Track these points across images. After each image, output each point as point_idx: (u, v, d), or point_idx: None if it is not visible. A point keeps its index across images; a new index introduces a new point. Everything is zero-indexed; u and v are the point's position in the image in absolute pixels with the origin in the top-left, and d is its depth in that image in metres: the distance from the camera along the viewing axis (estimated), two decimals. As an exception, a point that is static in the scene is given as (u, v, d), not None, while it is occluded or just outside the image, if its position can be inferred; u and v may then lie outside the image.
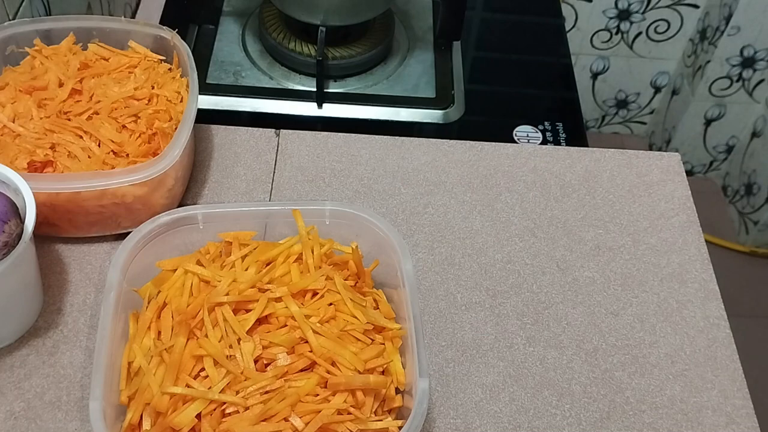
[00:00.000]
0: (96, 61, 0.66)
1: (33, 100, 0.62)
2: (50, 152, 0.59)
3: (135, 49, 0.67)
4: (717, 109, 1.61)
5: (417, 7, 1.05)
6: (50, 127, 0.60)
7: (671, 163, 0.73)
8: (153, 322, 0.52)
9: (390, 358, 0.52)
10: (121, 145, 0.60)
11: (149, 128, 0.61)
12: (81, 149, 0.59)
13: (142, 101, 0.63)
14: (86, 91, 0.63)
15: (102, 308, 0.51)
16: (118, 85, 0.64)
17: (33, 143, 0.59)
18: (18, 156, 0.58)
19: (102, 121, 0.61)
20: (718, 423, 0.56)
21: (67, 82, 0.63)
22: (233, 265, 0.54)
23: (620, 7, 1.54)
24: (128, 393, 0.49)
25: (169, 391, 0.48)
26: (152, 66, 0.67)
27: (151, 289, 0.54)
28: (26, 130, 0.60)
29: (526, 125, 0.91)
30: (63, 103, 0.62)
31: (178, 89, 0.64)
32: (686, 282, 0.64)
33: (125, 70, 0.66)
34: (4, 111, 0.61)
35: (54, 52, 0.66)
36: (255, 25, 0.98)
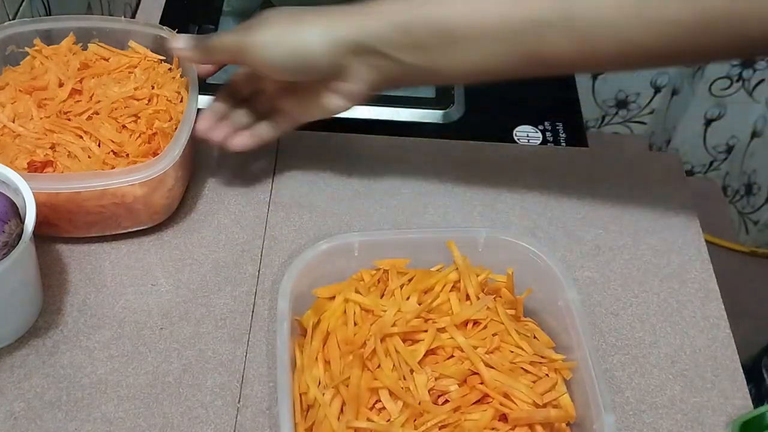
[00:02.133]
0: (96, 61, 0.66)
1: (33, 100, 0.62)
2: (50, 152, 0.59)
3: (135, 49, 0.67)
4: (717, 109, 1.61)
5: (417, 7, 1.05)
6: (50, 127, 0.60)
7: (671, 163, 0.73)
8: (319, 352, 0.52)
9: (563, 391, 0.52)
10: (121, 145, 0.60)
11: (149, 128, 0.61)
12: (81, 149, 0.59)
13: (142, 101, 0.63)
14: (86, 91, 0.63)
15: (277, 340, 0.50)
16: (118, 85, 0.64)
17: (33, 143, 0.59)
18: (18, 156, 0.58)
19: (102, 121, 0.61)
20: (718, 423, 0.56)
21: (67, 82, 0.63)
22: (393, 293, 0.54)
23: (620, 7, 1.54)
24: (305, 426, 0.49)
25: (353, 425, 0.48)
26: (152, 66, 0.67)
27: (312, 318, 0.54)
28: (26, 130, 0.60)
29: (526, 125, 0.91)
30: (63, 103, 0.62)
31: (178, 89, 0.64)
32: (686, 282, 0.64)
33: (125, 70, 0.66)
34: (4, 111, 0.61)
35: (54, 52, 0.66)
36: (255, 25, 0.98)
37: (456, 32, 0.52)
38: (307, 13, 0.55)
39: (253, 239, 0.64)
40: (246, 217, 0.65)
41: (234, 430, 0.53)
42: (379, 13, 0.54)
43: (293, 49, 0.54)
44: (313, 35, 0.54)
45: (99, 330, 0.58)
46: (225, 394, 0.55)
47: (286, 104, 0.61)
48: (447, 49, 0.53)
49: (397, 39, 0.53)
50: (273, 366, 0.56)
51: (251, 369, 0.56)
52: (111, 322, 0.58)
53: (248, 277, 0.61)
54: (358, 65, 0.55)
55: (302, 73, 0.56)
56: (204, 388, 0.55)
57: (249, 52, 0.56)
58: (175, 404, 0.54)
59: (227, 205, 0.66)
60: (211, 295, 0.60)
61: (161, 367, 0.56)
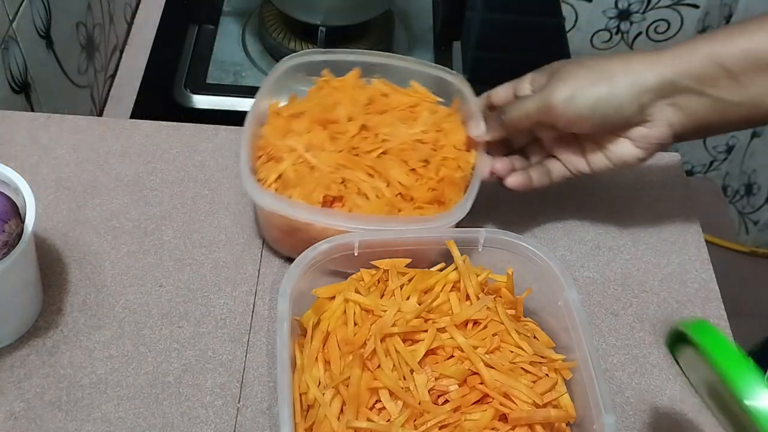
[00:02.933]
0: (378, 97, 0.65)
1: (326, 133, 0.61)
2: (342, 187, 0.58)
3: (415, 88, 0.66)
4: (717, 109, 1.61)
5: (417, 7, 1.05)
6: (343, 162, 0.59)
7: (671, 163, 0.73)
8: (319, 352, 0.52)
9: (563, 391, 0.52)
10: (408, 189, 0.59)
11: (437, 175, 0.60)
12: (371, 188, 0.59)
13: (428, 145, 0.62)
14: (373, 128, 0.62)
15: (278, 340, 0.50)
16: (405, 125, 0.63)
17: (328, 177, 0.58)
18: (315, 189, 0.58)
19: (392, 161, 0.60)
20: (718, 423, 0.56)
21: (357, 118, 0.62)
22: (393, 293, 0.54)
23: (620, 7, 1.54)
24: (305, 426, 0.49)
25: (353, 425, 0.48)
26: (433, 108, 0.65)
27: (312, 318, 0.54)
28: (320, 163, 0.59)
29: (526, 125, 0.90)
30: (353, 138, 0.61)
31: (465, 138, 0.63)
32: (686, 282, 0.64)
33: (406, 109, 0.65)
34: (301, 141, 0.60)
35: (341, 84, 0.65)
36: (255, 25, 0.98)
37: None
38: (604, 62, 0.54)
39: (253, 239, 0.64)
40: (246, 217, 0.65)
41: (234, 430, 0.53)
42: (689, 50, 0.52)
43: (600, 101, 0.53)
44: (619, 83, 0.53)
45: (99, 330, 0.58)
46: (225, 394, 0.55)
47: (564, 153, 0.60)
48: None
49: (713, 74, 0.51)
50: (273, 366, 0.56)
51: (251, 369, 0.56)
52: (111, 322, 0.58)
53: (248, 277, 0.62)
54: (663, 108, 0.53)
55: (608, 123, 0.55)
56: (204, 388, 0.55)
57: (553, 111, 0.54)
58: (175, 404, 0.54)
59: (227, 205, 0.66)
60: (211, 295, 0.60)
61: (161, 367, 0.56)
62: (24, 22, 0.76)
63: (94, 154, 0.68)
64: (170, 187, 0.67)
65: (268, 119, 0.63)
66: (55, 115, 0.71)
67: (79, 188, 0.66)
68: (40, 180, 0.66)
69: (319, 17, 0.89)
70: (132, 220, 0.64)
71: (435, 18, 1.03)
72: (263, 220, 0.62)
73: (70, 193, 0.65)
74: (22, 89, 0.77)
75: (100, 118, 0.73)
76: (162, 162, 0.68)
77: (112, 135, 0.70)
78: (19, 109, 0.76)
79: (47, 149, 0.68)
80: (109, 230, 0.63)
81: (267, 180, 0.59)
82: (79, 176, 0.66)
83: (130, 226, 0.64)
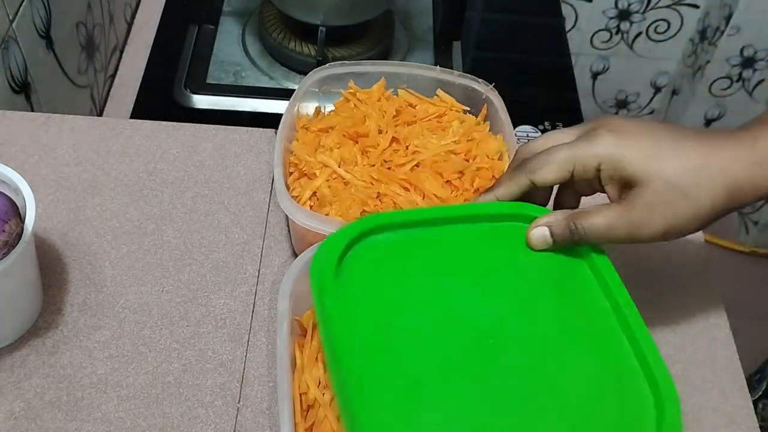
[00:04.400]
0: (405, 108, 0.65)
1: (358, 147, 0.61)
2: (378, 202, 0.58)
3: (441, 98, 0.66)
4: (717, 109, 1.61)
5: (417, 7, 1.05)
6: (377, 176, 0.59)
7: (671, 163, 0.73)
8: (319, 352, 0.52)
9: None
10: (444, 201, 0.59)
11: (471, 185, 0.60)
12: (407, 202, 0.58)
13: (460, 155, 0.62)
14: (403, 140, 0.62)
15: (278, 340, 0.50)
16: (435, 136, 0.62)
17: (363, 192, 0.58)
18: (352, 206, 0.57)
19: (426, 174, 0.60)
20: (718, 423, 0.56)
21: (387, 130, 0.62)
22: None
23: (620, 7, 1.54)
24: (305, 426, 0.49)
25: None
26: (461, 117, 0.65)
27: (312, 318, 0.54)
28: (354, 178, 0.59)
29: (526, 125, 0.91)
30: (384, 152, 0.61)
31: (499, 148, 0.62)
32: (686, 282, 0.64)
33: (433, 120, 0.64)
34: (333, 156, 0.60)
35: (367, 95, 0.65)
36: (255, 25, 0.98)
37: None
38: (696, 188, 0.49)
39: (253, 239, 0.64)
40: (246, 217, 0.65)
41: (234, 430, 0.53)
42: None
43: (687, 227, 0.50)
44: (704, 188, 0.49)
45: (99, 330, 0.58)
46: (225, 394, 0.55)
47: None
48: None
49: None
50: (273, 366, 0.56)
51: (251, 369, 0.56)
52: (111, 322, 0.58)
53: (248, 277, 0.62)
54: None
55: None
56: (204, 388, 0.55)
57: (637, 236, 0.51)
58: (175, 404, 0.54)
59: (227, 205, 0.66)
60: (211, 295, 0.60)
61: (161, 367, 0.56)
62: (24, 22, 0.76)
63: (94, 154, 0.68)
64: (170, 187, 0.67)
65: (297, 134, 0.63)
66: (55, 115, 0.71)
67: (79, 188, 0.66)
68: (40, 180, 0.66)
69: (319, 17, 0.89)
70: (132, 220, 0.64)
71: (435, 18, 1.03)
72: (298, 237, 0.62)
73: (70, 193, 0.65)
74: (22, 89, 0.77)
75: (100, 118, 0.73)
76: (162, 162, 0.68)
77: (112, 135, 0.70)
78: (19, 109, 0.76)
79: (47, 149, 0.68)
80: (109, 230, 0.63)
81: (302, 197, 0.59)
82: (79, 176, 0.66)
83: (130, 226, 0.64)
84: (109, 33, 0.99)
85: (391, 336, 0.50)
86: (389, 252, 0.54)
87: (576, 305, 0.52)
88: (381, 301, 0.51)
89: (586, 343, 0.50)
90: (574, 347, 0.50)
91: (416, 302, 0.51)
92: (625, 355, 0.50)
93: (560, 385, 0.48)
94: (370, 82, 0.66)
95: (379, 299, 0.52)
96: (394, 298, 0.52)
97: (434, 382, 0.48)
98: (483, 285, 0.53)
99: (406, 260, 0.53)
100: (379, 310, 0.51)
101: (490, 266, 0.54)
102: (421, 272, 0.53)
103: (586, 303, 0.52)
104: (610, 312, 0.52)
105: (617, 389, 0.48)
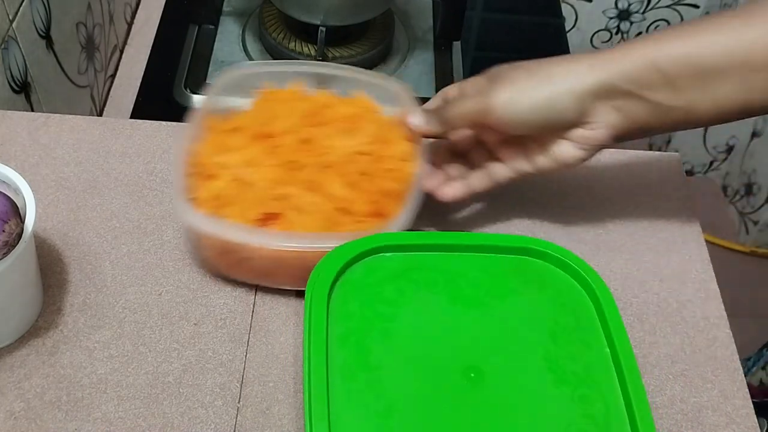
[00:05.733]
0: (321, 109, 0.64)
1: (264, 147, 0.60)
2: (279, 204, 0.57)
3: (359, 99, 0.65)
4: (717, 109, 1.61)
5: (417, 7, 1.05)
6: (280, 177, 0.58)
7: (671, 163, 0.73)
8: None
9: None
10: (347, 202, 0.58)
11: (376, 187, 0.59)
12: (309, 203, 0.57)
13: (369, 157, 0.61)
14: (313, 140, 0.61)
15: None
16: (346, 137, 0.61)
17: (264, 194, 0.57)
18: (251, 207, 0.57)
19: (331, 175, 0.59)
20: (718, 423, 0.56)
21: (296, 130, 0.61)
22: None
23: (620, 7, 1.54)
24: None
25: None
26: (377, 119, 0.64)
27: None
28: (257, 179, 0.58)
29: (526, 125, 0.90)
30: (291, 152, 0.60)
31: (408, 150, 0.61)
32: (686, 282, 0.64)
33: (348, 121, 0.63)
34: (236, 157, 0.59)
35: (283, 95, 0.64)
36: (255, 25, 0.98)
37: (716, 66, 0.49)
38: (545, 65, 0.54)
39: (253, 239, 0.64)
40: (246, 217, 0.65)
41: (234, 430, 0.53)
42: (628, 52, 0.52)
43: (539, 104, 0.53)
44: (559, 86, 0.53)
45: (99, 330, 0.58)
46: (225, 394, 0.55)
47: (507, 155, 0.59)
48: (705, 86, 0.50)
49: (649, 77, 0.51)
50: (273, 366, 0.57)
51: (251, 369, 0.56)
52: (111, 322, 0.58)
53: (248, 277, 0.62)
54: (602, 110, 0.53)
55: (548, 126, 0.54)
56: (204, 388, 0.55)
57: (492, 113, 0.54)
58: (175, 404, 0.54)
59: (227, 205, 0.66)
60: (211, 295, 0.60)
61: (161, 367, 0.56)
62: (24, 22, 0.76)
63: (94, 154, 0.68)
64: (170, 187, 0.66)
65: (205, 135, 0.61)
66: (55, 115, 0.71)
67: (79, 188, 0.66)
68: (40, 180, 0.66)
69: (319, 17, 0.89)
70: (132, 220, 0.64)
71: (435, 18, 1.03)
72: (195, 241, 0.60)
73: (70, 193, 0.65)
74: (22, 89, 0.77)
75: (100, 118, 0.72)
76: (162, 162, 0.68)
77: (112, 135, 0.70)
78: (19, 109, 0.76)
79: (47, 149, 0.68)
80: (109, 230, 0.63)
81: (201, 199, 0.58)
82: (79, 176, 0.66)
83: (130, 226, 0.64)
84: (109, 33, 0.99)
85: (373, 356, 0.50)
86: (391, 273, 0.54)
87: (571, 347, 0.52)
88: (370, 320, 0.52)
89: (572, 388, 0.50)
90: (559, 390, 0.50)
91: (405, 326, 0.52)
92: (613, 405, 0.49)
93: (536, 427, 0.48)
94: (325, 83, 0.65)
95: (370, 318, 0.52)
96: (385, 319, 0.52)
97: (408, 408, 0.48)
98: (477, 316, 0.53)
99: (405, 283, 0.54)
100: (367, 328, 0.51)
101: (488, 298, 0.54)
102: (418, 297, 0.53)
103: (583, 346, 0.52)
104: (607, 358, 0.51)
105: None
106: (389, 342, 0.51)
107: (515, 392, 0.49)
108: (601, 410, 0.49)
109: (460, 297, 0.53)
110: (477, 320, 0.52)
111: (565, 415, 0.49)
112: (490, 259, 0.55)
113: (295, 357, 0.57)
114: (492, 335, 0.52)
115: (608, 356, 0.51)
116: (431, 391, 0.49)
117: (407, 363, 0.50)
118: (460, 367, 0.50)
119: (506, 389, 0.49)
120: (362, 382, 0.49)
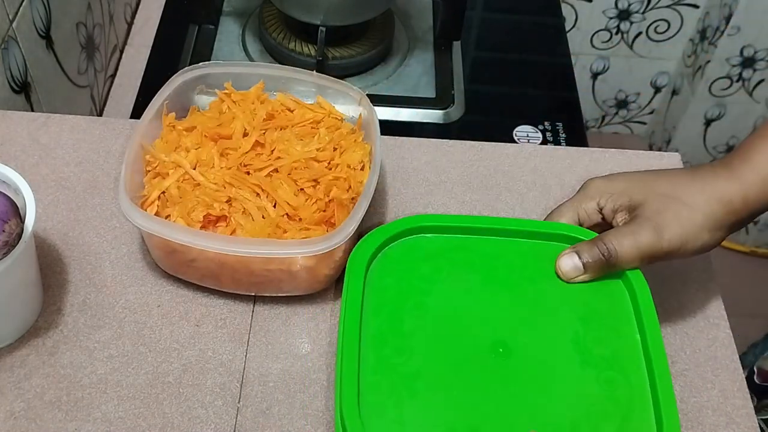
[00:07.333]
0: (281, 112, 0.64)
1: (217, 149, 0.60)
2: (226, 207, 0.57)
3: (321, 104, 0.64)
4: (717, 109, 1.61)
5: (417, 7, 1.05)
6: (230, 180, 0.58)
7: (671, 163, 0.73)
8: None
9: None
10: (296, 209, 0.57)
11: (326, 195, 0.58)
12: (257, 208, 0.57)
13: (323, 164, 0.60)
14: (268, 144, 0.61)
15: None
16: (301, 142, 0.61)
17: (211, 196, 0.57)
18: (196, 208, 0.56)
19: (281, 181, 0.59)
20: (718, 423, 0.56)
21: (252, 133, 0.61)
22: None
23: (620, 7, 1.54)
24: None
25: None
26: (336, 125, 0.64)
27: None
28: (206, 180, 0.58)
29: (526, 125, 0.91)
30: (245, 155, 0.60)
31: (362, 158, 0.61)
32: (686, 282, 0.64)
33: (308, 125, 0.63)
34: (188, 157, 0.59)
35: (242, 98, 0.64)
36: (255, 25, 0.98)
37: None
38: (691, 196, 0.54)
39: (253, 239, 0.64)
40: (246, 217, 0.65)
41: (234, 430, 0.53)
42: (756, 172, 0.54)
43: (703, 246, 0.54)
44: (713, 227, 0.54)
45: (99, 330, 0.58)
46: (225, 394, 0.55)
47: None
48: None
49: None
50: (273, 366, 0.57)
51: (251, 369, 0.56)
52: (111, 322, 0.58)
53: (248, 277, 0.61)
54: None
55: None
56: (204, 388, 0.55)
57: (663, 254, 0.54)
58: (175, 404, 0.54)
59: (227, 205, 0.66)
60: (211, 295, 0.60)
61: (161, 367, 0.56)
62: (24, 22, 0.76)
63: (94, 154, 0.68)
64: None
65: (161, 133, 0.61)
66: (55, 115, 0.71)
67: (79, 188, 0.66)
68: (40, 180, 0.66)
69: (319, 17, 0.88)
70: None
71: (435, 18, 1.03)
72: (146, 239, 0.60)
73: (70, 193, 0.65)
74: (22, 89, 0.77)
75: (100, 118, 0.72)
76: (162, 162, 0.68)
77: (112, 135, 0.70)
78: (19, 109, 0.76)
79: (47, 149, 0.68)
80: (109, 230, 0.63)
81: (150, 197, 0.58)
82: (79, 176, 0.66)
83: (130, 226, 0.64)
84: (109, 33, 0.99)
85: (405, 325, 0.52)
86: (429, 252, 0.56)
87: (601, 331, 0.52)
88: (405, 293, 0.54)
89: (598, 370, 0.50)
90: (584, 371, 0.50)
91: (438, 300, 0.53)
92: (638, 390, 0.50)
93: (558, 405, 0.49)
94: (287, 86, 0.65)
95: (405, 291, 0.54)
96: (420, 293, 0.54)
97: (434, 373, 0.50)
98: (510, 297, 0.54)
99: (442, 261, 0.55)
100: (401, 300, 0.53)
101: (522, 281, 0.55)
102: (453, 275, 0.55)
103: (613, 331, 0.52)
104: (636, 344, 0.52)
105: (620, 419, 0.48)
106: (421, 313, 0.52)
107: (540, 369, 0.50)
108: (626, 394, 0.49)
109: (495, 278, 0.54)
110: (509, 300, 0.53)
111: (588, 395, 0.49)
112: (528, 245, 0.56)
113: (296, 356, 0.57)
114: (522, 315, 0.53)
115: (638, 343, 0.52)
116: (458, 360, 0.50)
117: (437, 333, 0.52)
118: (489, 341, 0.51)
119: (532, 366, 0.50)
120: (392, 347, 0.51)
